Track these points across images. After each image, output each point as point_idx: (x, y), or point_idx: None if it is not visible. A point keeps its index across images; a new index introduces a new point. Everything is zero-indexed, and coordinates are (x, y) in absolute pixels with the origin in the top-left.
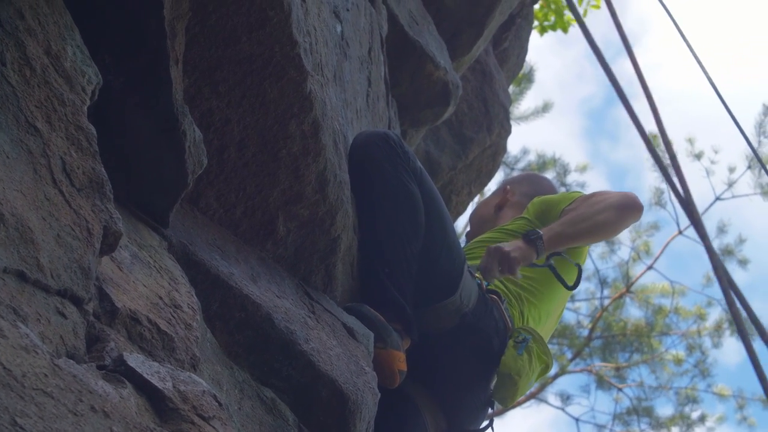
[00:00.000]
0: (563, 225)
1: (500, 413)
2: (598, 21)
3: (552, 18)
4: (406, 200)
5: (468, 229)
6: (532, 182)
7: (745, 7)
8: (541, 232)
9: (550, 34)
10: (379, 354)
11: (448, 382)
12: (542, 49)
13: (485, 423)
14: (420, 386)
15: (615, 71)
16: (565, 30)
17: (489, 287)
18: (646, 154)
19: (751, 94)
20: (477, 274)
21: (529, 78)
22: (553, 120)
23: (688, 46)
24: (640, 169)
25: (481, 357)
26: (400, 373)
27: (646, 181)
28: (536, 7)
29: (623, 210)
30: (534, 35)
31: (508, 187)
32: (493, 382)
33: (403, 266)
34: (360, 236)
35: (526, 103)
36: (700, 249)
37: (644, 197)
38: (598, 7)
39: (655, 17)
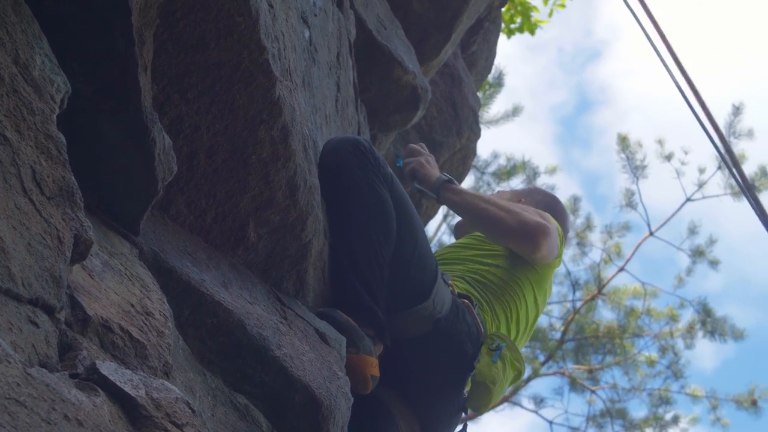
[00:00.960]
0: (475, 197)
1: (474, 417)
2: (567, 27)
3: (518, 20)
4: (377, 206)
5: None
6: (547, 201)
7: (715, 12)
8: (455, 184)
9: (519, 41)
10: (352, 359)
11: (422, 387)
12: (512, 57)
13: (459, 428)
14: (393, 392)
15: (586, 77)
16: (532, 32)
17: (460, 292)
18: (616, 159)
19: (722, 96)
20: (450, 282)
21: (498, 82)
22: (525, 126)
23: (654, 48)
24: (612, 175)
25: (454, 362)
26: (372, 378)
27: (618, 185)
28: (503, 9)
29: (519, 231)
30: (502, 39)
31: (522, 199)
32: (467, 389)
33: (375, 272)
34: (331, 242)
35: (496, 107)
36: (672, 250)
37: (615, 200)
38: (563, 6)
39: (625, 24)
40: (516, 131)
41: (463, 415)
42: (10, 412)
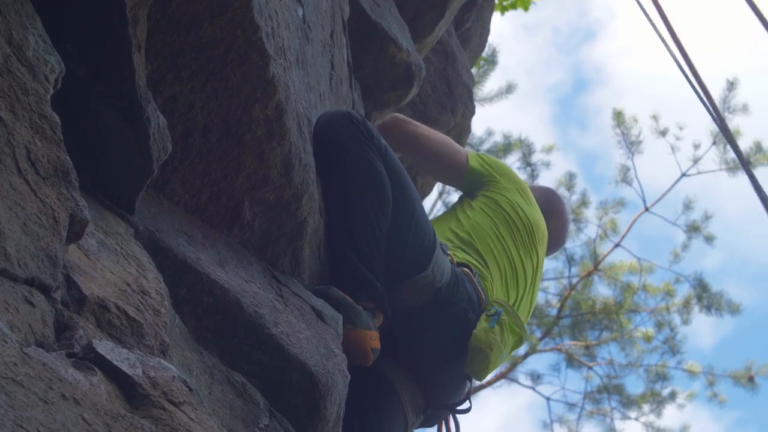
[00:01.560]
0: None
1: (477, 390)
2: (562, 7)
3: None
4: (371, 177)
5: None
6: (544, 195)
7: None
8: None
9: (514, 21)
10: (349, 335)
11: (424, 357)
12: (508, 36)
13: (464, 397)
14: (395, 364)
15: (582, 57)
16: (525, 8)
17: (459, 261)
18: (611, 135)
19: (716, 72)
20: (449, 252)
21: (492, 60)
22: (521, 107)
23: (651, 24)
24: (609, 155)
25: (456, 331)
26: (373, 350)
27: (614, 163)
28: None
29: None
30: (497, 19)
31: None
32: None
33: (372, 243)
34: (327, 215)
35: (490, 85)
36: (667, 226)
37: (611, 176)
38: None
39: (619, 3)
40: (512, 111)
41: (468, 384)
42: (7, 391)
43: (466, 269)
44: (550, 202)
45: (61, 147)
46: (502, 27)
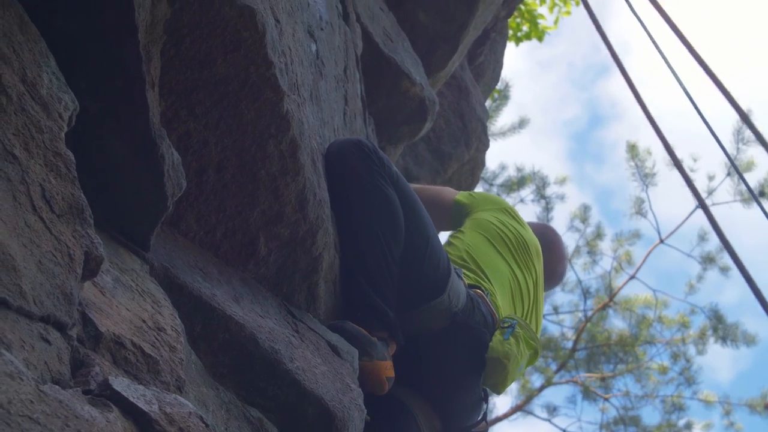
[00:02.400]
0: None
1: (491, 424)
2: (577, 42)
3: (525, 28)
4: (383, 205)
5: None
6: (542, 231)
7: (720, 21)
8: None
9: (529, 57)
10: (366, 366)
11: (441, 381)
12: (523, 73)
13: (480, 419)
14: (411, 389)
15: (597, 93)
16: (540, 38)
17: (470, 283)
18: (626, 168)
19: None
20: (462, 275)
21: (505, 94)
22: (537, 142)
23: (663, 57)
24: (625, 189)
25: (474, 354)
26: (388, 380)
27: (628, 194)
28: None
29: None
30: (512, 54)
31: None
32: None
33: (384, 272)
34: (340, 246)
35: (503, 119)
36: (683, 258)
37: (626, 209)
38: (569, 13)
39: (634, 38)
40: (528, 146)
41: (484, 406)
42: (24, 429)
43: (478, 291)
44: (544, 235)
45: (75, 184)
46: (516, 63)
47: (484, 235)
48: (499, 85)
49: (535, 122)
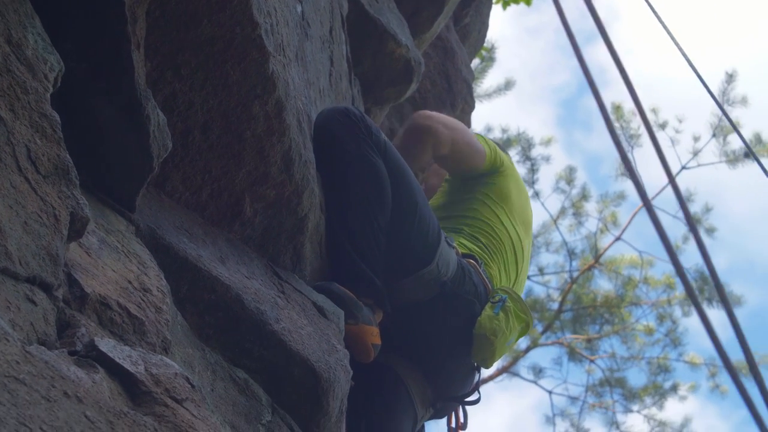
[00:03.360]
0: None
1: (486, 381)
2: (567, 6)
3: None
4: (369, 174)
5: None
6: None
7: None
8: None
9: (517, 23)
10: (351, 330)
11: (432, 350)
12: (510, 39)
13: (472, 389)
14: (402, 357)
15: (587, 57)
16: (528, 2)
17: (464, 252)
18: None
19: (714, 67)
20: (454, 244)
21: (490, 56)
22: (526, 109)
23: (656, 16)
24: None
25: (464, 323)
26: (374, 346)
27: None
28: None
29: (409, 138)
30: (498, 13)
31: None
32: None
33: (371, 240)
34: (326, 213)
35: (489, 81)
36: (668, 219)
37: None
38: None
39: (623, 5)
40: (517, 113)
41: (477, 375)
42: (9, 389)
43: (471, 260)
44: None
45: (61, 145)
46: (504, 30)
47: (492, 208)
48: (486, 47)
49: (523, 88)
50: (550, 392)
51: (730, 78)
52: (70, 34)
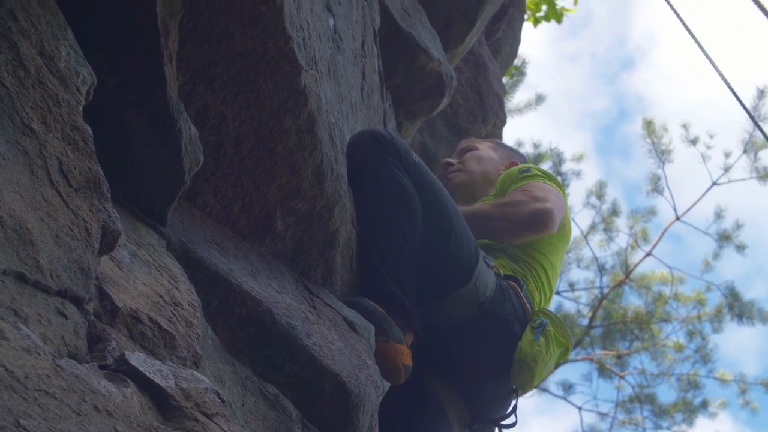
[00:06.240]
0: (471, 213)
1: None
2: (602, 34)
3: (544, 8)
4: (399, 195)
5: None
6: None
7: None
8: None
9: (557, 46)
10: (381, 347)
11: (470, 371)
12: (548, 66)
13: (509, 412)
14: (440, 378)
15: (621, 87)
16: (558, 20)
17: (505, 273)
18: (642, 144)
19: (744, 81)
20: (493, 264)
21: (521, 71)
22: (563, 133)
23: (691, 34)
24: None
25: (502, 344)
26: (405, 367)
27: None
28: None
29: (523, 228)
30: (533, 38)
31: (517, 161)
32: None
33: (401, 261)
34: (357, 236)
35: (519, 95)
36: (699, 235)
37: (642, 186)
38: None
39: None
40: (553, 136)
41: (514, 398)
42: (40, 403)
43: (512, 282)
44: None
45: (93, 158)
46: (541, 54)
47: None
48: (517, 62)
49: (561, 113)
50: (579, 408)
51: (762, 94)
52: (102, 47)
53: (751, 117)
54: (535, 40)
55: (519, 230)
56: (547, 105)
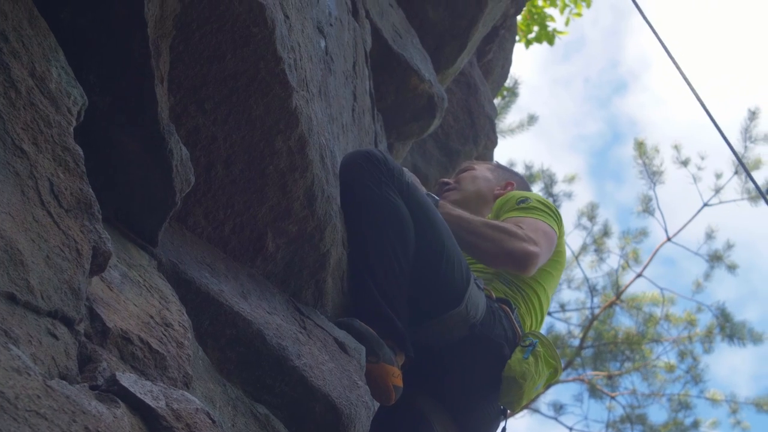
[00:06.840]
0: (463, 223)
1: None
2: (595, 57)
3: (536, 28)
4: (391, 216)
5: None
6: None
7: (725, 19)
8: (449, 209)
9: (549, 70)
10: (372, 368)
11: (460, 393)
12: (541, 90)
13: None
14: (430, 397)
15: (613, 110)
16: (550, 42)
17: (497, 296)
18: (633, 165)
19: (735, 101)
20: (484, 287)
21: (513, 92)
22: (556, 156)
23: (678, 68)
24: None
25: (492, 366)
26: (395, 389)
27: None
28: (519, 18)
29: (504, 259)
30: (526, 62)
31: (514, 183)
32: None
33: (393, 283)
34: (349, 256)
35: (511, 116)
36: (689, 255)
37: (634, 208)
38: (580, 15)
39: (654, 54)
40: (546, 158)
41: (503, 419)
42: (31, 424)
43: (504, 305)
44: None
45: (83, 179)
46: (533, 79)
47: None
48: (508, 83)
49: (553, 136)
50: (570, 429)
51: (753, 115)
52: (93, 68)
53: (729, 145)
54: (528, 64)
55: (500, 259)
56: (540, 128)
